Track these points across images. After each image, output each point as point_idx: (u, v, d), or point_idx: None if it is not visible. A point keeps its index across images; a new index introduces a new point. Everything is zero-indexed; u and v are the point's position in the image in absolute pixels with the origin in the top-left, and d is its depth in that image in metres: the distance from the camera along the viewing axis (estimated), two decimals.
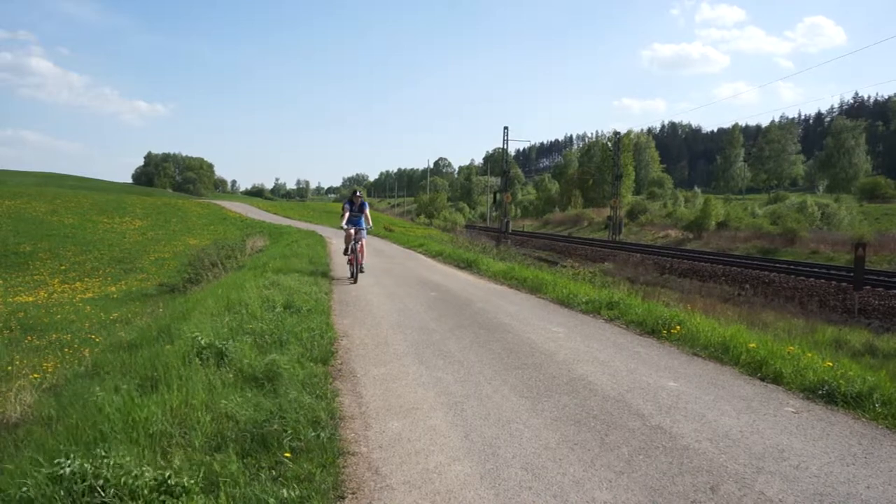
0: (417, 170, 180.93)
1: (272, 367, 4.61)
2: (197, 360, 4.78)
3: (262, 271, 11.47)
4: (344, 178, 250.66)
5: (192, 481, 2.79)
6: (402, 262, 16.10)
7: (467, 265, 14.85)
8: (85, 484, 2.67)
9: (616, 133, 52.42)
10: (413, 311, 8.10)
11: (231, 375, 4.47)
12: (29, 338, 11.10)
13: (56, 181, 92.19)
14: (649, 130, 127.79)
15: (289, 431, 3.44)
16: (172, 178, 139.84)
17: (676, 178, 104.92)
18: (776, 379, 4.87)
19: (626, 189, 61.21)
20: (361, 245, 11.22)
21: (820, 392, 4.48)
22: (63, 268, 24.14)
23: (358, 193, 11.66)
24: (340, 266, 13.67)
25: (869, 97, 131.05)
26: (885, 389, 4.30)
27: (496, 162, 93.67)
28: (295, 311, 7.32)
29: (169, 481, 2.75)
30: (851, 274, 15.97)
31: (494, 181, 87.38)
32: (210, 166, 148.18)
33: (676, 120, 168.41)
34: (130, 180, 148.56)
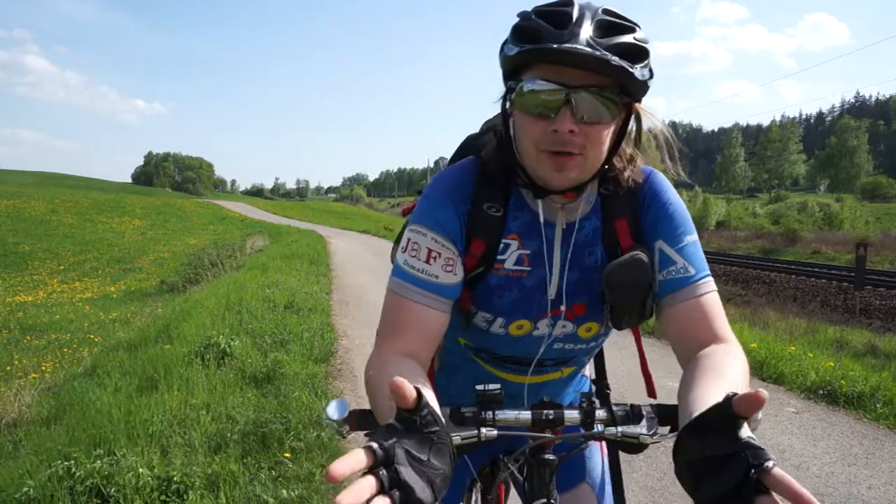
0: (418, 169, 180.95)
1: (273, 367, 4.61)
2: (197, 360, 4.77)
3: (263, 271, 11.46)
4: (344, 178, 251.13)
5: (193, 481, 2.79)
6: None
7: None
8: (88, 483, 2.66)
9: None
10: None
11: (231, 375, 4.47)
12: (28, 338, 11.08)
13: (54, 180, 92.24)
14: (649, 130, 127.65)
15: (289, 432, 3.44)
16: (172, 177, 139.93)
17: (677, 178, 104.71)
18: (777, 379, 4.87)
19: None
20: None
21: (821, 392, 4.47)
22: (62, 268, 24.14)
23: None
24: (340, 265, 13.65)
25: (870, 96, 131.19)
26: (887, 390, 4.29)
27: None
28: (295, 310, 7.32)
29: (171, 480, 2.75)
30: (853, 274, 15.97)
31: None
32: (210, 166, 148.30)
33: (677, 119, 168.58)
34: (129, 180, 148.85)
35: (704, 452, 0.65)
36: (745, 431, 0.63)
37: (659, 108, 1.12)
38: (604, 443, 1.27)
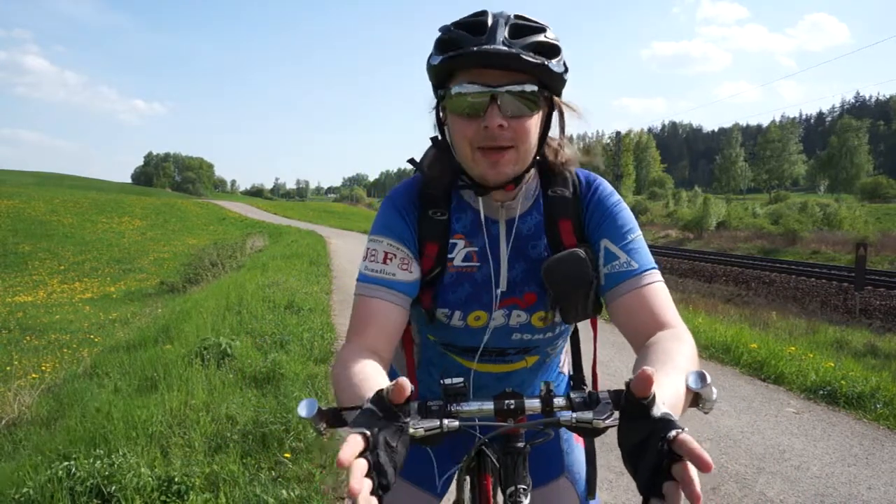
0: None
1: (273, 367, 4.61)
2: (197, 360, 4.77)
3: (263, 271, 11.46)
4: (344, 178, 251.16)
5: (193, 481, 2.79)
6: None
7: None
8: (88, 484, 2.66)
9: (617, 133, 52.42)
10: None
11: (231, 376, 4.47)
12: (28, 338, 11.08)
13: (54, 181, 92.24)
14: (650, 130, 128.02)
15: (289, 432, 3.44)
16: (172, 177, 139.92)
17: (677, 178, 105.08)
18: (777, 379, 4.86)
19: (626, 189, 61.21)
20: None
21: (821, 392, 4.47)
22: (62, 268, 24.14)
23: None
24: (340, 265, 13.65)
25: (870, 96, 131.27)
26: (886, 390, 4.29)
27: None
28: (295, 311, 7.32)
29: (171, 481, 2.75)
30: (853, 274, 15.97)
31: None
32: (210, 166, 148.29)
33: (677, 119, 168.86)
34: (129, 180, 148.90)
35: (632, 439, 0.70)
36: (659, 409, 0.69)
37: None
38: None
